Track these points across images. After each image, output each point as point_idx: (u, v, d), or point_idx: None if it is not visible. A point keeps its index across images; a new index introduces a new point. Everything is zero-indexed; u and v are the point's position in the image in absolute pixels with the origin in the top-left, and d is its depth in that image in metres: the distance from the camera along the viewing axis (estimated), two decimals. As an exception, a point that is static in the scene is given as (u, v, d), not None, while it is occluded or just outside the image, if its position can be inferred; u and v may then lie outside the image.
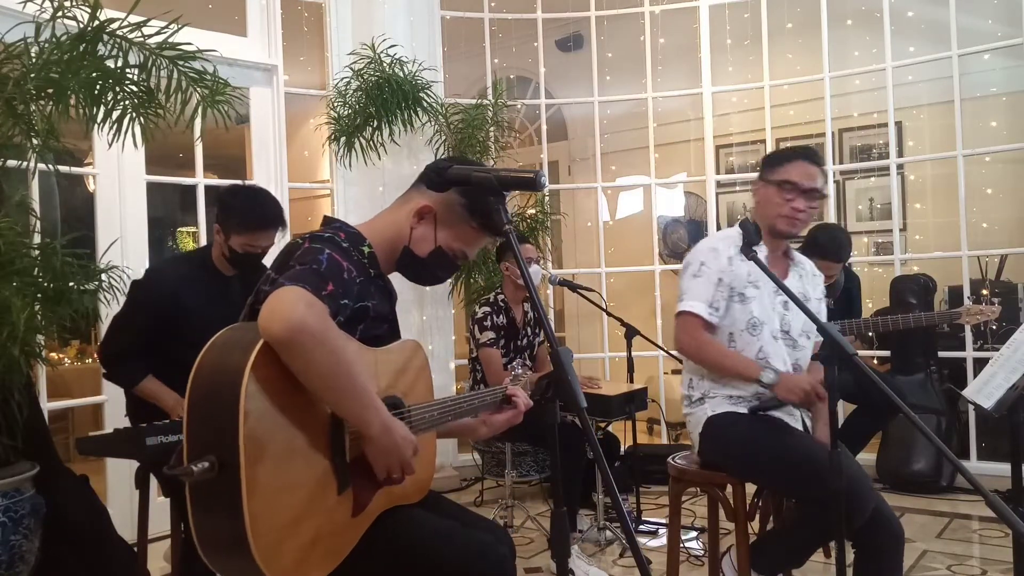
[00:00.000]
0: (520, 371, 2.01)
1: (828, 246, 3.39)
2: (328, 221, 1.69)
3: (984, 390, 2.13)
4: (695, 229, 6.16)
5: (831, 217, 4.83)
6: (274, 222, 2.66)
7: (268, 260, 2.00)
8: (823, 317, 2.38)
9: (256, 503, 1.27)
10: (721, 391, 2.36)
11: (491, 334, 3.63)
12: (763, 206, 2.37)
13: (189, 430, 1.31)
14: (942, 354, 4.39)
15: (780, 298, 2.39)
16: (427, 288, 4.67)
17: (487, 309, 3.69)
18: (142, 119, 2.48)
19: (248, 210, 2.63)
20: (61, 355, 5.37)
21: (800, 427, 2.34)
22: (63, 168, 2.80)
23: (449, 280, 4.62)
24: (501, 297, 3.75)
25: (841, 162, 5.29)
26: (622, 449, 4.15)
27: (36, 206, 2.85)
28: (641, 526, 3.69)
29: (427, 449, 1.77)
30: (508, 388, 1.90)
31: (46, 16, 2.33)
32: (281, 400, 1.34)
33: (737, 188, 5.86)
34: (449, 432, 1.90)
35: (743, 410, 2.32)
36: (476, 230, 1.70)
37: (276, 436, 1.33)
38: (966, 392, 2.21)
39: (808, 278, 2.48)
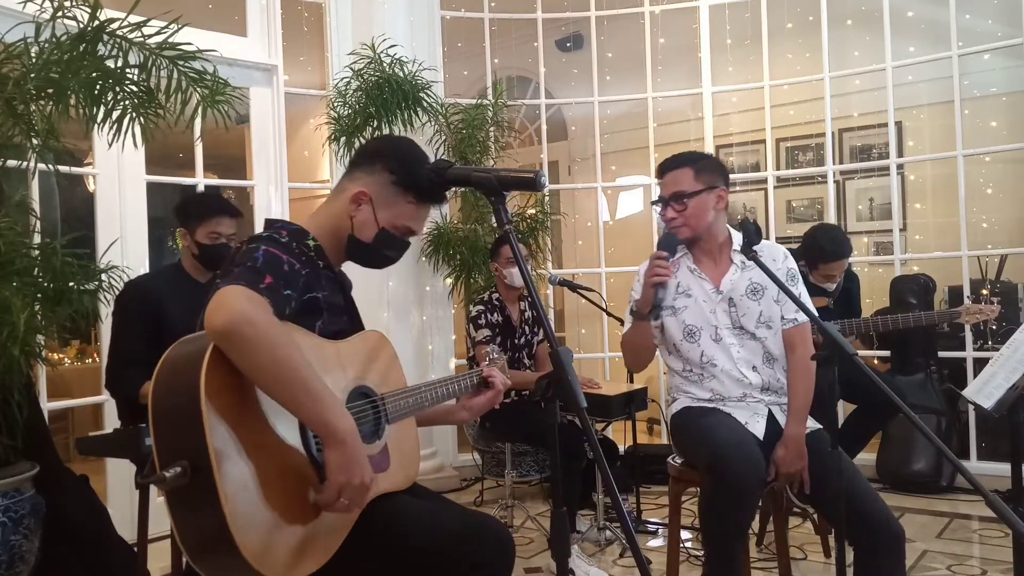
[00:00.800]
0: (496, 355, 2.02)
1: (829, 247, 3.42)
2: (270, 223, 1.68)
3: (984, 390, 2.14)
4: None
5: (831, 217, 4.83)
6: (226, 207, 2.84)
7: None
8: (804, 299, 2.36)
9: (234, 502, 1.27)
10: (683, 394, 2.47)
11: (486, 331, 3.64)
12: None
13: (157, 441, 1.32)
14: (942, 354, 4.39)
15: (721, 298, 2.41)
16: (427, 288, 4.69)
17: (481, 307, 3.71)
18: (142, 119, 2.47)
19: (200, 201, 2.96)
20: (61, 355, 5.37)
21: (763, 425, 2.31)
22: (63, 168, 2.79)
23: (449, 280, 4.63)
24: (496, 296, 3.77)
25: (841, 162, 5.29)
26: (621, 450, 4.16)
27: (36, 206, 2.85)
28: (641, 526, 3.69)
29: (409, 439, 1.76)
30: (484, 370, 1.90)
31: (46, 16, 2.32)
32: (243, 397, 1.36)
33: (737, 188, 5.86)
34: (431, 419, 1.91)
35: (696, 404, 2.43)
36: (414, 204, 1.71)
37: (244, 433, 1.34)
38: (966, 392, 2.21)
39: (766, 262, 2.46)
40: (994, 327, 3.95)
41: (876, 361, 4.86)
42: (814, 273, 3.44)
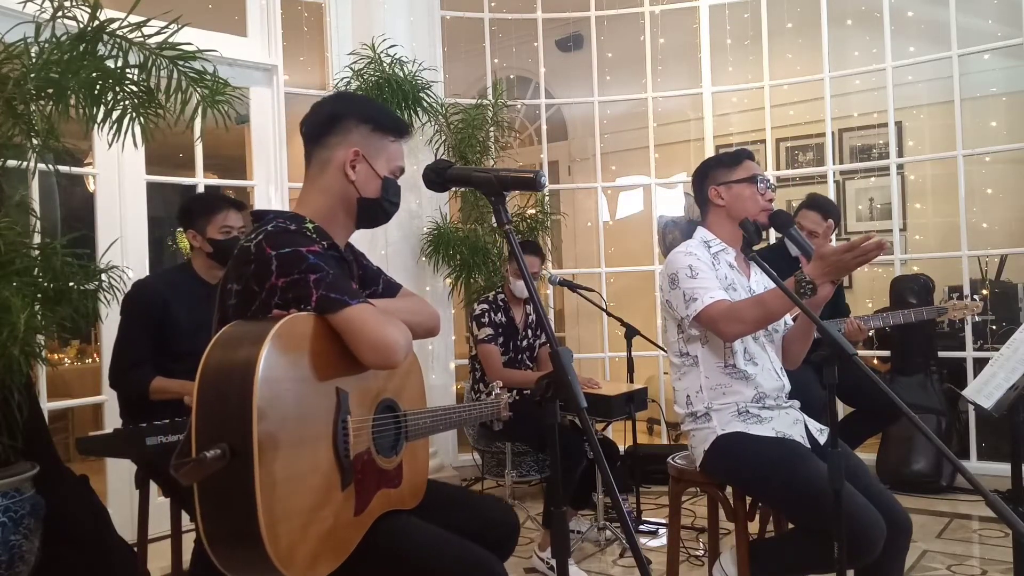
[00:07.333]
0: (499, 391, 2.15)
1: (819, 198, 3.64)
2: (260, 215, 1.67)
3: (984, 390, 2.14)
4: (695, 229, 6.15)
5: (831, 217, 4.83)
6: (231, 201, 2.82)
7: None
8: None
9: (268, 492, 1.27)
10: (723, 401, 2.24)
11: (489, 330, 3.64)
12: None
13: (198, 424, 1.31)
14: (942, 354, 4.39)
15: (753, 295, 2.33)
16: (427, 288, 4.70)
17: (485, 306, 3.71)
18: (142, 119, 2.47)
19: (204, 200, 2.94)
20: (61, 355, 5.38)
21: (804, 431, 2.24)
22: (63, 168, 2.79)
23: (449, 280, 4.63)
24: (501, 297, 3.77)
25: (841, 162, 5.29)
26: (621, 450, 4.16)
27: (36, 206, 2.84)
28: (641, 526, 3.69)
29: (420, 454, 1.78)
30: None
31: (46, 16, 2.32)
32: (290, 395, 1.37)
33: (737, 188, 5.86)
34: None
35: (754, 431, 2.20)
36: (395, 140, 1.75)
37: (286, 427, 1.34)
38: (966, 392, 2.21)
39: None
40: (977, 319, 3.88)
41: (876, 361, 4.86)
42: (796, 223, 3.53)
